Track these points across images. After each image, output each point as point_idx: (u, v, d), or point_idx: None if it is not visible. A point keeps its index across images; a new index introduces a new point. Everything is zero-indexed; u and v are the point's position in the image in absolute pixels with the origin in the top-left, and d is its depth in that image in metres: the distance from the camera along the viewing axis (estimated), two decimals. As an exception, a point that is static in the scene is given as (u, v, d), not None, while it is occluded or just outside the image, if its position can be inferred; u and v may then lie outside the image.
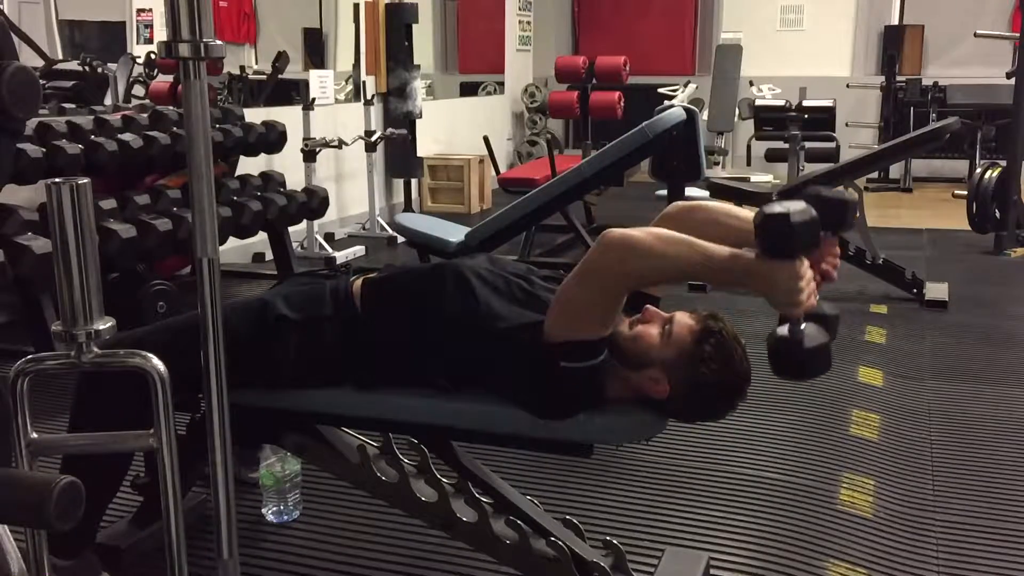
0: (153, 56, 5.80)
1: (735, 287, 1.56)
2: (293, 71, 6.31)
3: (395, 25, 6.32)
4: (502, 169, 6.99)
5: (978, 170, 5.73)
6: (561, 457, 2.31)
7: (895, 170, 8.39)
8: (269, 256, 4.78)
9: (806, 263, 1.50)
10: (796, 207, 1.46)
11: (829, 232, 1.60)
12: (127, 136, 3.70)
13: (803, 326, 1.52)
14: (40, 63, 5.22)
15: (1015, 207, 5.52)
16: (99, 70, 5.39)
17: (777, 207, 1.46)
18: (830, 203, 1.58)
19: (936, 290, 4.45)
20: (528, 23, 9.20)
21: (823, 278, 1.63)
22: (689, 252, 1.54)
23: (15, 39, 3.85)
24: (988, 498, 2.45)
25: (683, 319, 1.71)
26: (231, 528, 1.32)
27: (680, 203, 1.84)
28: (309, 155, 5.33)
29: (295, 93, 6.09)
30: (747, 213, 1.70)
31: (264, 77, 6.28)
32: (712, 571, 2.06)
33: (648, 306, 1.76)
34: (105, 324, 1.22)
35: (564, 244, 5.50)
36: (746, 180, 7.00)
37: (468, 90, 8.98)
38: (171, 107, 4.29)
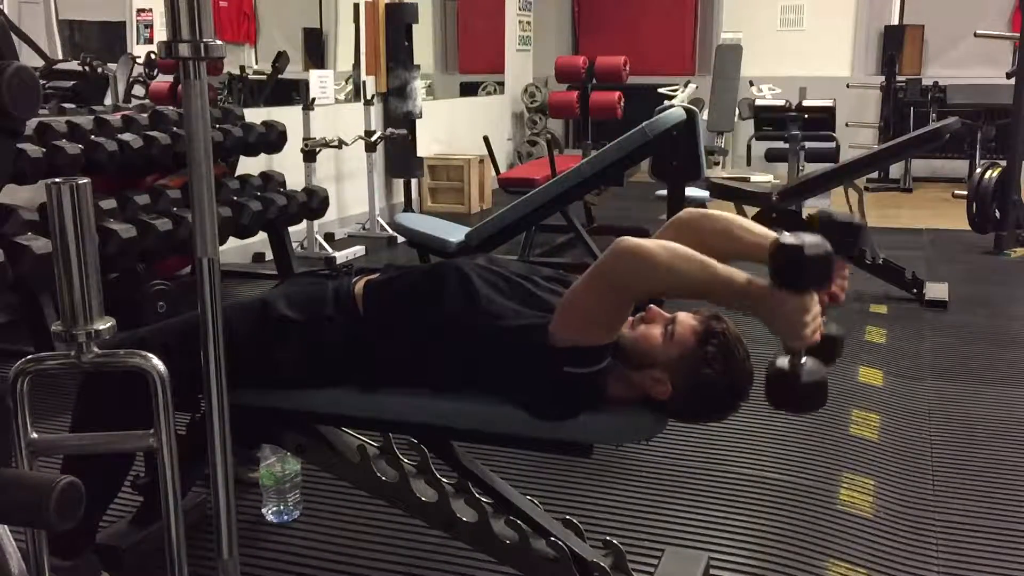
0: (153, 56, 5.80)
1: (742, 311, 1.56)
2: (293, 71, 6.31)
3: (395, 25, 6.32)
4: (502, 169, 6.99)
5: (978, 170, 5.73)
6: (561, 457, 2.31)
7: (895, 170, 8.39)
8: (269, 256, 4.78)
9: (815, 298, 1.49)
10: (811, 240, 1.45)
11: (839, 255, 1.57)
12: (127, 136, 3.70)
13: (804, 360, 1.51)
14: (40, 63, 5.22)
15: (1015, 207, 5.52)
16: (99, 70, 5.38)
17: (792, 238, 1.45)
18: (841, 227, 1.60)
19: (936, 290, 4.45)
20: (528, 23, 9.19)
21: (831, 300, 1.62)
22: (701, 272, 1.53)
23: (15, 39, 3.84)
24: (988, 498, 2.45)
25: (686, 319, 1.71)
26: (231, 528, 1.32)
27: (693, 210, 1.82)
28: (309, 155, 5.33)
29: (295, 93, 6.09)
30: (759, 228, 1.67)
31: (264, 77, 6.28)
32: (712, 571, 2.06)
33: (651, 306, 1.76)
34: (105, 324, 1.22)
35: (564, 244, 5.50)
36: (746, 180, 6.99)
37: (468, 90, 8.98)
38: (171, 107, 4.29)
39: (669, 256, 1.54)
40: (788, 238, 1.46)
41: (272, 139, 4.53)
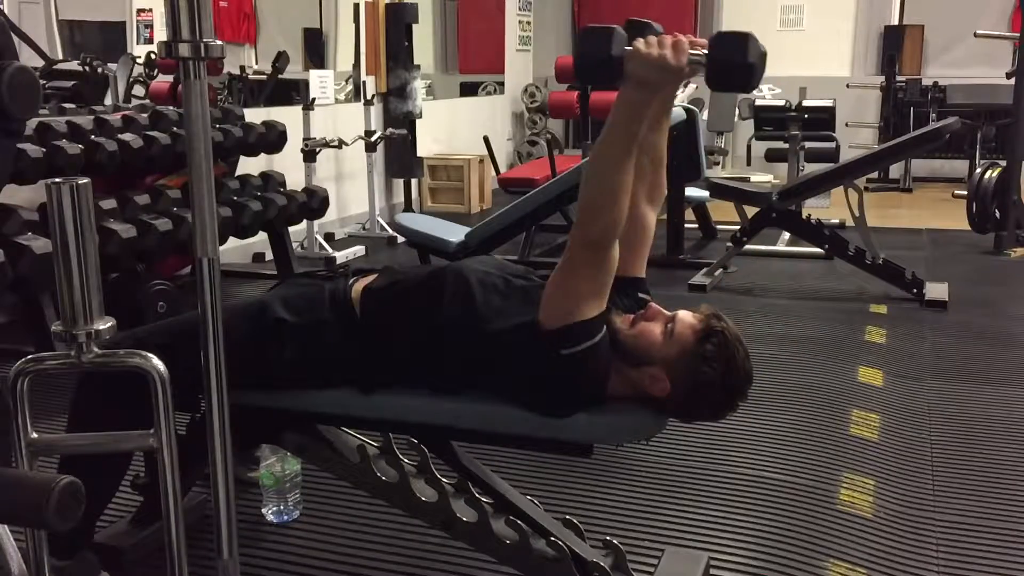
0: (153, 56, 5.80)
1: (649, 104, 1.63)
2: (293, 71, 6.31)
3: (395, 25, 6.32)
4: (502, 169, 7.00)
5: (978, 170, 5.73)
6: (561, 457, 2.31)
7: (895, 170, 8.39)
8: (269, 256, 4.78)
9: (640, 41, 1.58)
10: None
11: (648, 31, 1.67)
12: (127, 136, 3.70)
13: (700, 57, 1.56)
14: (40, 63, 5.22)
15: (1015, 207, 5.52)
16: (99, 70, 5.38)
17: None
18: (598, 32, 1.66)
19: (936, 290, 4.45)
20: (528, 23, 9.20)
21: (695, 45, 1.62)
22: (608, 131, 1.61)
23: (15, 39, 3.84)
24: (988, 498, 2.45)
25: (686, 318, 1.71)
26: (231, 528, 1.32)
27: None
28: (309, 155, 5.33)
29: (295, 93, 6.09)
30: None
31: (264, 77, 6.28)
32: (712, 571, 2.06)
33: (651, 304, 1.77)
34: (105, 324, 1.22)
35: (564, 244, 5.48)
36: (746, 180, 7.00)
37: (468, 90, 8.98)
38: (171, 107, 4.29)
39: (585, 172, 1.63)
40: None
41: (272, 139, 4.54)
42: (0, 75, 2.57)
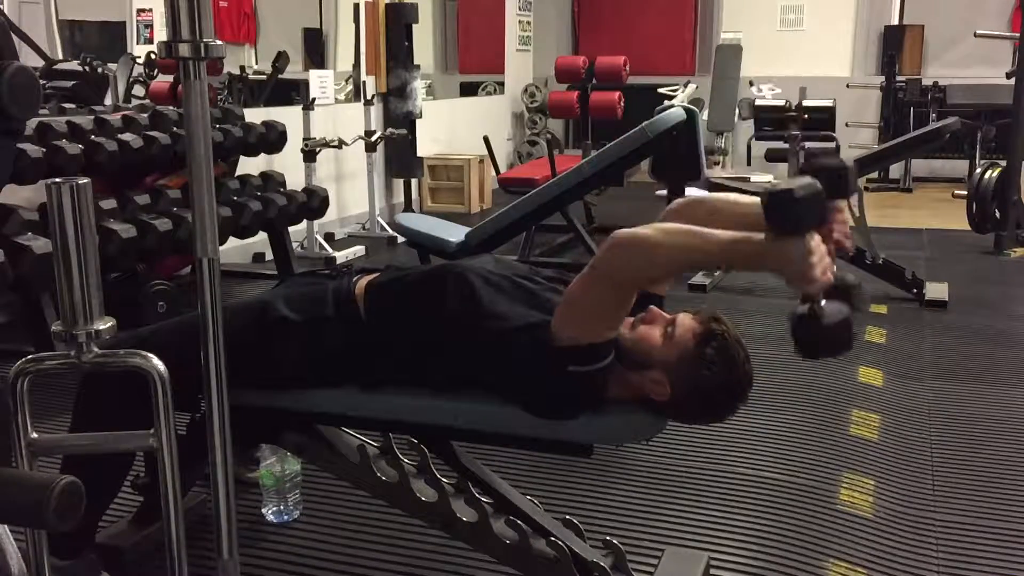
0: (153, 56, 5.81)
1: (748, 269, 1.57)
2: (293, 71, 6.31)
3: (395, 25, 6.33)
4: (502, 169, 6.99)
5: (978, 170, 5.73)
6: (561, 457, 2.31)
7: (895, 170, 8.39)
8: (269, 256, 4.78)
9: (817, 238, 1.47)
10: (800, 182, 1.45)
11: (833, 201, 1.56)
12: (127, 136, 3.70)
13: (823, 302, 1.50)
14: (40, 63, 5.22)
15: (1015, 207, 5.52)
16: (99, 70, 5.39)
17: (782, 184, 1.46)
18: (829, 171, 1.54)
19: (936, 290, 4.45)
20: (528, 23, 9.19)
21: (838, 247, 1.59)
22: (694, 240, 1.54)
23: (15, 39, 3.85)
24: (988, 498, 2.45)
25: (686, 321, 1.70)
26: (231, 528, 1.32)
27: (683, 199, 1.85)
28: (309, 155, 5.33)
29: (295, 93, 6.09)
30: (750, 199, 1.68)
31: (264, 77, 6.28)
32: (712, 571, 2.06)
33: (652, 307, 1.76)
34: (105, 324, 1.22)
35: (564, 244, 5.50)
36: (746, 180, 7.00)
37: (468, 90, 8.99)
38: (171, 107, 4.29)
39: (659, 235, 1.56)
40: (778, 185, 1.46)
41: (272, 139, 4.54)
42: (0, 75, 2.58)
